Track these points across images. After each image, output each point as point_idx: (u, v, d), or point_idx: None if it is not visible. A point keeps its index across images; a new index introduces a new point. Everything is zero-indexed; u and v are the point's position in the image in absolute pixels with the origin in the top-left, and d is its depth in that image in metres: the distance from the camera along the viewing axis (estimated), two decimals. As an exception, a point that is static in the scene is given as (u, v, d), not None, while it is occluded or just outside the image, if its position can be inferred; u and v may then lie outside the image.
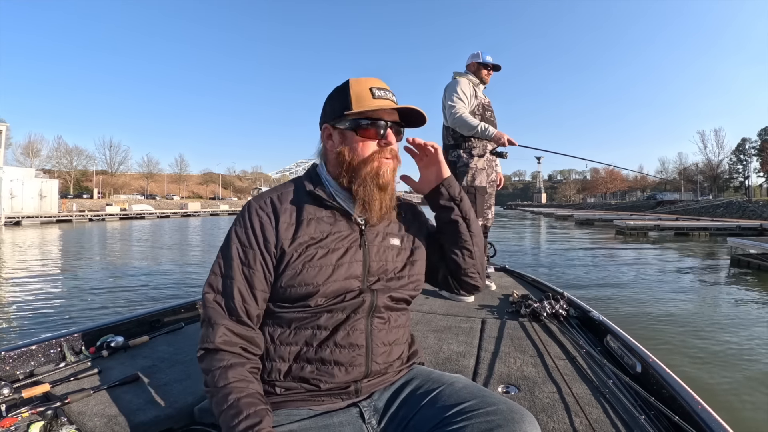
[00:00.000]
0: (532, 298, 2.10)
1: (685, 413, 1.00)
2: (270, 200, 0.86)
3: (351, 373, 0.81)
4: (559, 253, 11.71)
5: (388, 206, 0.88)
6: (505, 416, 0.69)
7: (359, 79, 0.88)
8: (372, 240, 0.88)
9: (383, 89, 0.86)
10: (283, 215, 0.84)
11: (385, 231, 0.92)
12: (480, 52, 2.97)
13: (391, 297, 0.87)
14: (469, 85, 2.92)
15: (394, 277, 0.89)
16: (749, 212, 27.56)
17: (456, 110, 2.77)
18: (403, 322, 0.92)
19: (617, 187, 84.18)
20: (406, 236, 0.96)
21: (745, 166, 62.94)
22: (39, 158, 59.50)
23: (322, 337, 0.81)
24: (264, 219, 0.83)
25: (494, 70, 3.04)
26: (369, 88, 0.85)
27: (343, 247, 0.84)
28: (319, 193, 0.86)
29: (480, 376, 1.36)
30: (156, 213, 43.10)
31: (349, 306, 0.82)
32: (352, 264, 0.83)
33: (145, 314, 1.78)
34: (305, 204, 0.86)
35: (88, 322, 1.76)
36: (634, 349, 1.40)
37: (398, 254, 0.92)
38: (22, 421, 0.98)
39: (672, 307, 5.57)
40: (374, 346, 0.83)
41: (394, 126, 0.88)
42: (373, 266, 0.86)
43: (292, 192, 0.89)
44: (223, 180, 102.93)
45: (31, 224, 28.15)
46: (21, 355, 1.33)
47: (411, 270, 0.92)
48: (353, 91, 0.86)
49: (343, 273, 0.82)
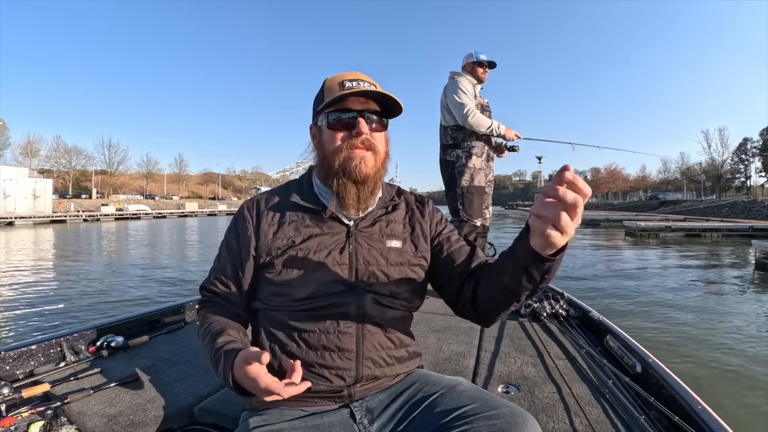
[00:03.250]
0: (532, 298, 2.10)
1: (685, 413, 1.00)
2: (257, 202, 0.90)
3: (341, 377, 0.79)
4: (581, 263, 9.87)
5: (368, 200, 0.85)
6: (508, 420, 0.67)
7: (336, 75, 0.87)
8: (362, 241, 0.85)
9: (357, 80, 0.84)
10: (266, 217, 0.86)
11: (383, 232, 0.88)
12: (473, 51, 2.97)
13: (381, 302, 0.84)
14: (470, 84, 2.92)
15: (388, 281, 0.84)
16: (755, 212, 27.08)
17: (469, 109, 2.77)
18: (401, 326, 0.88)
19: (619, 187, 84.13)
20: (410, 237, 0.91)
21: (747, 166, 62.85)
22: (38, 158, 59.49)
23: (311, 340, 0.80)
24: (248, 219, 0.87)
25: (490, 68, 3.02)
26: (341, 81, 0.84)
27: (326, 249, 0.83)
28: (298, 199, 0.87)
29: (480, 376, 1.36)
30: (152, 213, 42.74)
31: (337, 310, 0.80)
32: (334, 266, 0.81)
33: (145, 314, 1.78)
34: (290, 206, 0.87)
35: (88, 322, 1.76)
36: (634, 349, 1.40)
37: (397, 256, 0.87)
38: (22, 420, 0.98)
39: (705, 316, 5.18)
40: (365, 351, 0.81)
41: (372, 115, 0.84)
42: (360, 269, 0.83)
43: (283, 193, 0.90)
44: (223, 180, 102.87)
45: (24, 224, 27.80)
46: (21, 354, 1.34)
47: (411, 274, 0.88)
48: (326, 86, 0.86)
49: (323, 276, 0.80)
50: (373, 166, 0.84)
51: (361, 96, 0.83)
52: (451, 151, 2.91)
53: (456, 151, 2.89)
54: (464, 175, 2.83)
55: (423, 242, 0.92)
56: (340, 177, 0.82)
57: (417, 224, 0.93)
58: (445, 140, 2.96)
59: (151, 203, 56.45)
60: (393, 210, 0.93)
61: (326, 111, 0.84)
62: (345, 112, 0.83)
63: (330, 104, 0.82)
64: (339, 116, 0.83)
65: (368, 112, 0.84)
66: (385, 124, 0.89)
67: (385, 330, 0.84)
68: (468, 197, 2.83)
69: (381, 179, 0.89)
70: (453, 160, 2.89)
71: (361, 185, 0.83)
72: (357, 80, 0.84)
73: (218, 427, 1.06)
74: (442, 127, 3.00)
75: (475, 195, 2.84)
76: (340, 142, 0.83)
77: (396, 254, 0.87)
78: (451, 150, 2.91)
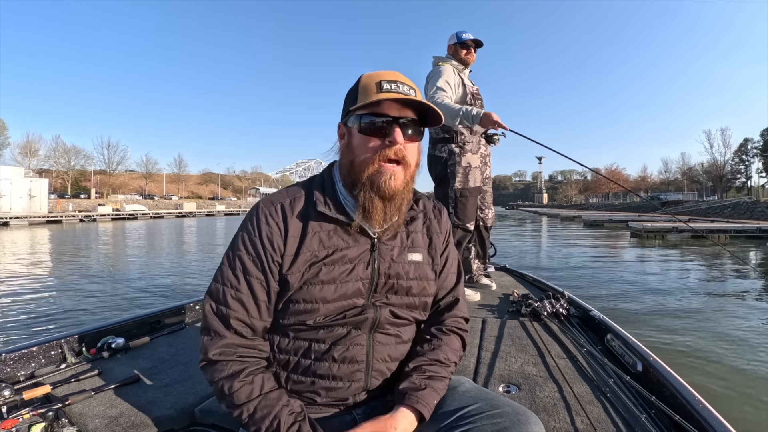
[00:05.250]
0: (532, 298, 2.10)
1: (686, 412, 1.00)
2: (281, 207, 0.80)
3: (349, 388, 0.78)
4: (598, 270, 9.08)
5: (394, 216, 0.81)
6: (511, 418, 0.67)
7: (373, 72, 0.80)
8: (386, 255, 0.82)
9: (395, 82, 0.77)
10: (292, 227, 0.78)
11: (404, 245, 0.85)
12: (456, 32, 2.65)
13: (397, 314, 0.82)
14: (454, 73, 2.57)
15: (406, 294, 0.83)
16: (758, 213, 26.83)
17: (436, 98, 2.41)
18: (410, 337, 0.87)
19: (619, 188, 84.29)
20: (430, 249, 0.88)
21: (747, 166, 62.82)
22: (37, 158, 59.40)
23: (320, 351, 0.78)
24: (274, 228, 0.78)
25: (477, 47, 2.68)
26: (378, 81, 0.77)
27: (350, 263, 0.79)
28: (325, 209, 0.80)
29: (481, 375, 1.36)
30: (150, 213, 42.52)
31: (351, 322, 0.78)
32: (357, 282, 0.78)
33: (146, 315, 1.78)
34: (313, 215, 0.80)
35: (89, 324, 1.76)
36: (635, 348, 1.40)
37: (417, 269, 0.84)
38: (23, 422, 0.98)
39: (707, 317, 5.02)
40: (374, 362, 0.80)
41: (408, 124, 0.78)
42: (380, 282, 0.80)
43: (303, 199, 0.82)
44: (222, 180, 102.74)
45: (19, 225, 27.65)
46: (22, 356, 1.33)
47: (427, 287, 0.86)
48: (362, 84, 0.79)
49: (346, 291, 0.78)
50: (402, 181, 0.78)
51: (399, 102, 0.77)
52: (442, 146, 2.60)
53: (448, 146, 2.57)
54: (457, 175, 2.52)
55: (437, 255, 0.90)
56: (367, 191, 0.77)
57: (434, 235, 0.91)
58: (435, 133, 2.64)
59: (149, 203, 56.36)
60: (413, 220, 0.89)
61: (359, 113, 0.78)
62: (380, 116, 0.76)
63: (364, 106, 0.76)
64: (373, 121, 0.76)
65: (404, 120, 0.78)
66: (421, 134, 0.82)
67: (397, 340, 0.83)
68: (462, 200, 2.53)
69: (410, 193, 0.84)
70: (444, 156, 2.57)
71: (388, 201, 0.78)
72: (396, 82, 0.77)
73: (219, 428, 1.06)
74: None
75: (470, 198, 2.55)
76: (371, 152, 0.77)
77: (416, 268, 0.85)
78: (442, 145, 2.59)
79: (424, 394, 0.75)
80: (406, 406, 0.73)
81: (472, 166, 2.56)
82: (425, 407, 0.74)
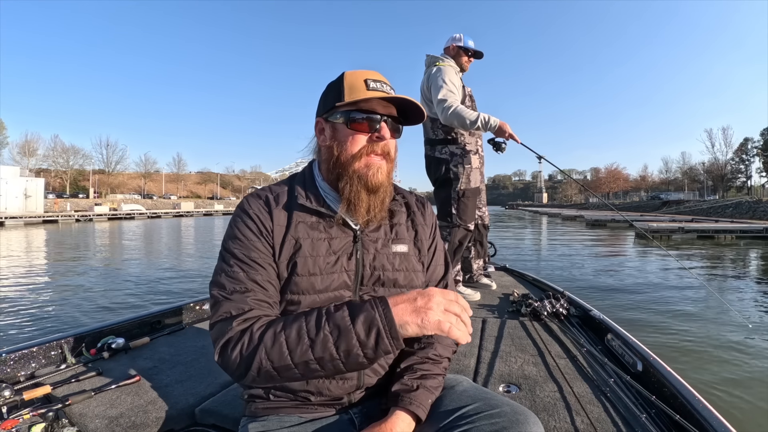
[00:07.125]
0: (532, 297, 2.10)
1: (686, 412, 1.01)
2: (266, 197, 0.83)
3: (341, 386, 0.78)
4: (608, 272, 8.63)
5: (379, 210, 0.82)
6: (510, 418, 0.67)
7: (355, 71, 0.82)
8: (369, 247, 0.83)
9: (379, 81, 0.80)
10: (277, 217, 0.80)
11: (388, 236, 0.86)
12: (461, 35, 2.65)
13: None
14: (455, 73, 2.56)
15: (393, 285, 0.83)
16: (760, 212, 26.66)
17: (449, 103, 2.39)
18: None
19: (620, 187, 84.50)
20: (416, 241, 0.90)
21: (748, 166, 62.85)
22: (35, 157, 59.37)
23: None
24: (264, 216, 0.80)
25: (475, 58, 2.70)
26: (364, 79, 0.80)
27: (334, 254, 0.80)
28: (306, 201, 0.81)
29: (481, 375, 1.36)
30: (147, 213, 42.05)
31: None
32: (341, 273, 0.79)
33: (146, 315, 1.78)
34: (297, 207, 0.82)
35: (89, 324, 1.76)
36: (635, 347, 1.40)
37: (402, 261, 0.85)
38: (24, 423, 0.98)
39: (710, 316, 4.88)
40: None
41: (390, 122, 0.82)
42: (366, 274, 0.81)
43: (286, 193, 0.84)
44: (221, 179, 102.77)
45: (15, 225, 27.23)
46: (22, 356, 1.33)
47: (414, 279, 0.86)
48: (347, 82, 0.80)
49: (331, 282, 0.78)
50: (386, 174, 0.82)
51: (389, 101, 0.80)
52: (442, 148, 2.59)
53: (449, 147, 2.56)
54: (460, 177, 2.53)
55: (424, 247, 0.91)
56: (354, 183, 0.79)
57: (420, 227, 0.92)
58: (434, 135, 2.61)
59: (147, 203, 56.23)
60: (395, 213, 0.90)
61: (346, 109, 0.79)
62: (369, 113, 0.79)
63: (354, 103, 0.78)
64: (362, 116, 0.79)
65: (390, 117, 0.81)
66: (401, 131, 0.86)
67: None
68: (464, 201, 2.55)
69: (391, 186, 0.86)
70: (445, 158, 2.56)
71: (373, 194, 0.80)
72: (381, 81, 0.81)
73: (219, 428, 1.06)
74: (429, 119, 2.61)
75: (471, 198, 2.58)
76: (359, 146, 0.79)
77: (401, 259, 0.85)
78: (443, 146, 2.59)
79: (417, 395, 0.75)
80: (400, 408, 0.73)
81: (473, 167, 2.57)
82: (419, 408, 0.73)
